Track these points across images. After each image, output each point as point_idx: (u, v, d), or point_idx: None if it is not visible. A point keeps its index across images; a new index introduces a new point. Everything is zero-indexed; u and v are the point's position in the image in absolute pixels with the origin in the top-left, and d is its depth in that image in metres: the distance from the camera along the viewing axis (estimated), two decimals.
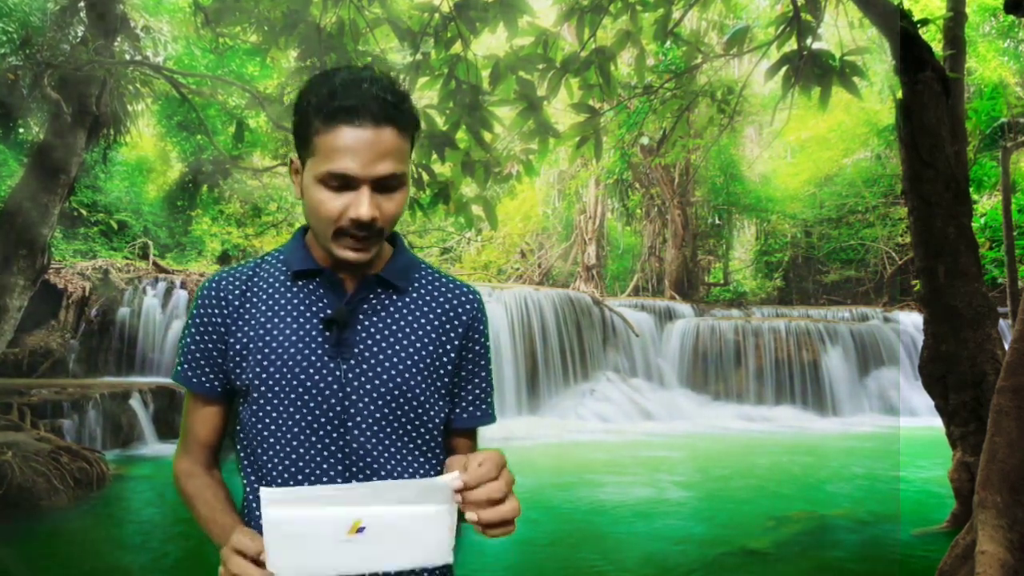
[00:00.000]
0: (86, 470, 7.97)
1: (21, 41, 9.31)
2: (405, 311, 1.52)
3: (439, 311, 1.54)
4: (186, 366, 1.55)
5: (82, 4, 9.57)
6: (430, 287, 1.57)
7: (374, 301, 1.50)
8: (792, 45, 6.74)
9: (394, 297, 1.52)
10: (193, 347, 1.54)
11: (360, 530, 1.23)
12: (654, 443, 12.38)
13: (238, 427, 1.54)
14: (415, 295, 1.54)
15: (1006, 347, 5.04)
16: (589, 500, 8.34)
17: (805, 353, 15.90)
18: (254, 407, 1.48)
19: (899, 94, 6.18)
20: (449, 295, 1.57)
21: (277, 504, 1.24)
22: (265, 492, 1.24)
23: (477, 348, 1.58)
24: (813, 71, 6.63)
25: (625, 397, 15.19)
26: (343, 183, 1.39)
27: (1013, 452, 4.24)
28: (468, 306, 1.57)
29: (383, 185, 1.41)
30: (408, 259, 1.57)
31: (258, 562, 1.28)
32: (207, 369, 1.54)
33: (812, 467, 10.39)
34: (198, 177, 17.20)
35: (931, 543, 6.02)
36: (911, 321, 16.05)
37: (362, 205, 1.38)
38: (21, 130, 11.08)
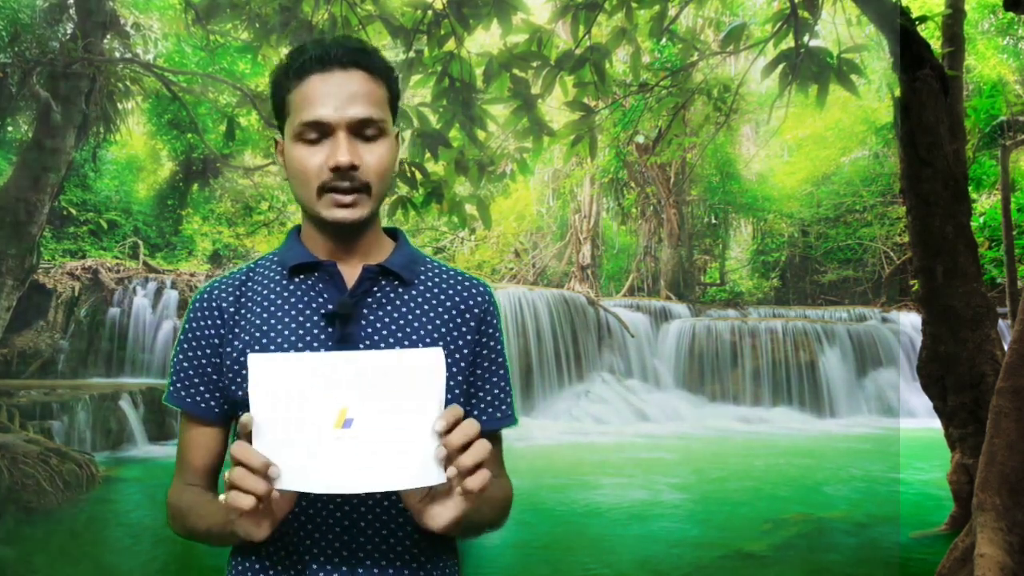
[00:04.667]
0: (76, 472, 7.94)
1: (10, 38, 9.25)
2: (412, 304, 1.42)
3: (449, 304, 1.45)
4: (179, 385, 1.45)
5: (71, 1, 9.52)
6: (437, 279, 1.48)
7: (378, 293, 1.41)
8: (789, 42, 6.70)
9: (400, 290, 1.43)
10: (186, 364, 1.45)
11: (347, 423, 1.18)
12: (649, 445, 12.34)
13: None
14: (422, 287, 1.45)
15: (1005, 348, 5.00)
16: (584, 502, 8.29)
17: (802, 354, 15.86)
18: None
19: (897, 92, 6.14)
20: (459, 287, 1.48)
21: (265, 376, 1.20)
22: (253, 358, 1.20)
23: (492, 344, 1.48)
24: (810, 69, 6.59)
25: (620, 398, 15.15)
26: (319, 132, 1.35)
27: (1012, 454, 4.19)
28: (480, 298, 1.48)
29: (362, 133, 1.37)
30: (411, 252, 1.49)
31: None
32: (202, 388, 1.44)
33: (809, 469, 10.36)
34: (189, 176, 17.15)
35: (930, 546, 5.99)
36: (909, 321, 16.01)
37: (339, 150, 1.34)
38: (10, 128, 11.02)
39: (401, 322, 1.40)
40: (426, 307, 1.43)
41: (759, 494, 8.72)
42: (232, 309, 1.44)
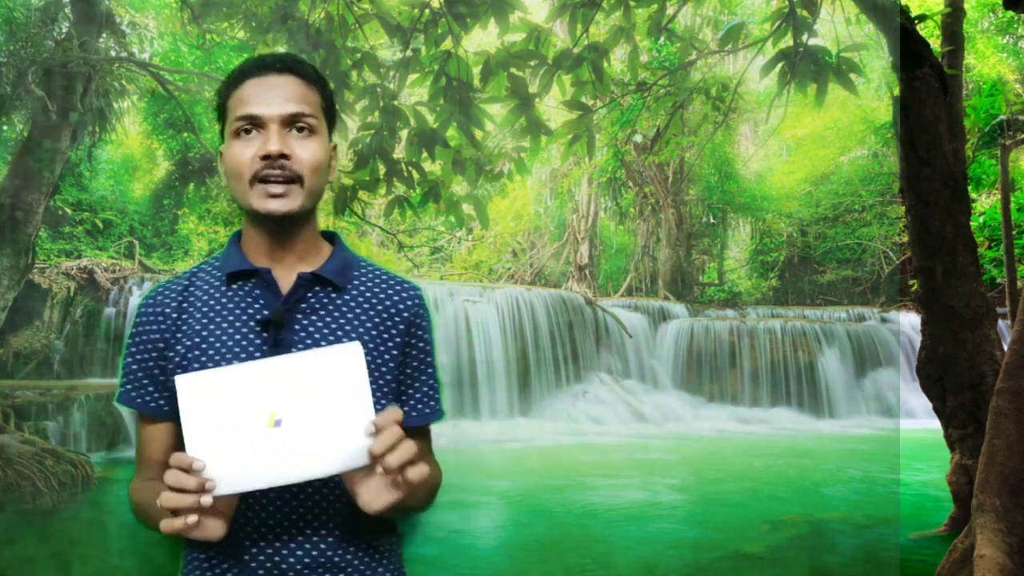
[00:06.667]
0: (71, 472, 7.91)
1: (4, 37, 9.21)
2: (344, 308, 1.49)
3: (379, 308, 1.52)
4: (130, 387, 1.52)
5: (67, 0, 9.48)
6: (370, 283, 1.55)
7: (312, 300, 1.48)
8: (788, 41, 6.69)
9: (332, 295, 1.50)
10: (135, 367, 1.52)
11: (277, 423, 1.25)
12: (647, 446, 12.33)
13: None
14: (354, 292, 1.52)
15: (1005, 348, 4.97)
16: (581, 503, 8.27)
17: (801, 354, 15.85)
18: None
19: (896, 91, 6.12)
20: (390, 291, 1.55)
21: (193, 394, 1.26)
22: (180, 379, 1.27)
23: (421, 344, 1.56)
24: (809, 68, 6.57)
25: (618, 399, 15.13)
26: (253, 125, 1.44)
27: (1012, 455, 4.17)
28: (409, 302, 1.55)
29: (294, 127, 1.45)
30: (347, 257, 1.56)
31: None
32: (151, 388, 1.51)
33: (808, 470, 10.35)
34: (185, 175, 17.10)
35: (929, 547, 5.96)
36: (908, 322, 16.01)
37: (270, 140, 1.42)
38: (5, 127, 10.98)
39: (333, 326, 1.47)
40: (358, 311, 1.50)
41: (758, 495, 8.69)
42: (175, 315, 1.50)
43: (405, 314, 1.53)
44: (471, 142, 6.89)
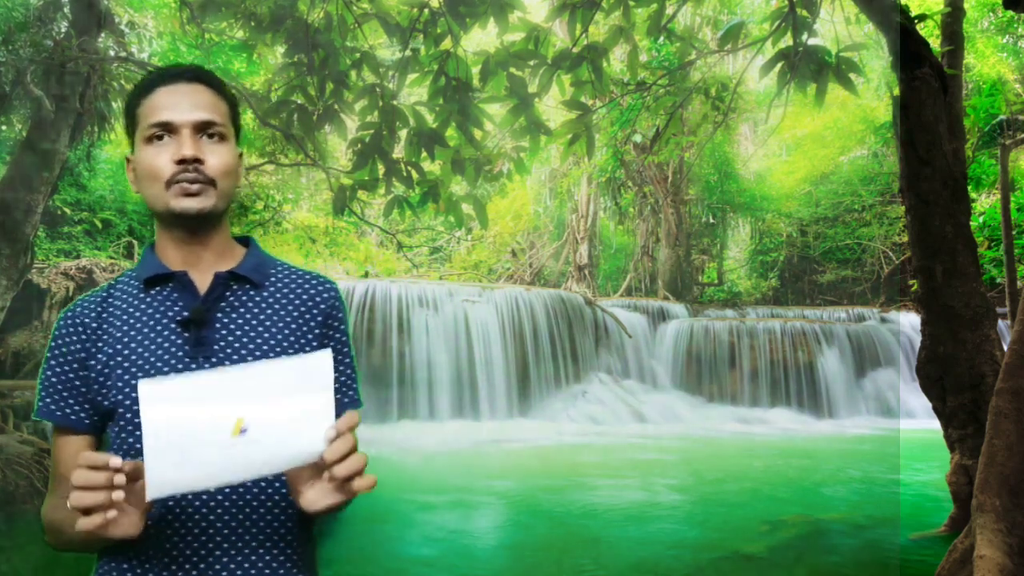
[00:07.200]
0: None
1: (3, 37, 9.18)
2: (264, 305, 1.54)
3: (297, 302, 1.57)
4: (49, 400, 1.51)
5: (66, 0, 9.46)
6: (287, 280, 1.59)
7: (231, 298, 1.52)
8: (787, 41, 6.68)
9: (251, 293, 1.54)
10: (54, 379, 1.51)
11: (243, 431, 1.25)
12: (647, 446, 12.31)
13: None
14: (272, 289, 1.56)
15: (1005, 348, 4.96)
16: (581, 504, 8.25)
17: (801, 354, 15.85)
18: (121, 423, 1.46)
19: (896, 91, 6.11)
20: (306, 286, 1.60)
21: (157, 402, 1.23)
22: (143, 385, 1.24)
23: (338, 336, 1.60)
24: (809, 67, 6.57)
25: (617, 399, 15.12)
26: (165, 131, 1.48)
27: (1012, 455, 4.16)
28: (326, 295, 1.60)
29: (206, 134, 1.50)
30: (262, 257, 1.61)
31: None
32: (71, 400, 1.51)
33: (808, 470, 10.33)
34: None
35: (929, 547, 5.95)
36: (908, 322, 16.01)
37: (184, 145, 1.46)
38: (3, 127, 10.94)
39: (254, 322, 1.51)
40: (276, 307, 1.55)
41: (757, 495, 8.68)
42: (95, 325, 1.51)
43: (322, 306, 1.57)
44: (470, 142, 6.89)
